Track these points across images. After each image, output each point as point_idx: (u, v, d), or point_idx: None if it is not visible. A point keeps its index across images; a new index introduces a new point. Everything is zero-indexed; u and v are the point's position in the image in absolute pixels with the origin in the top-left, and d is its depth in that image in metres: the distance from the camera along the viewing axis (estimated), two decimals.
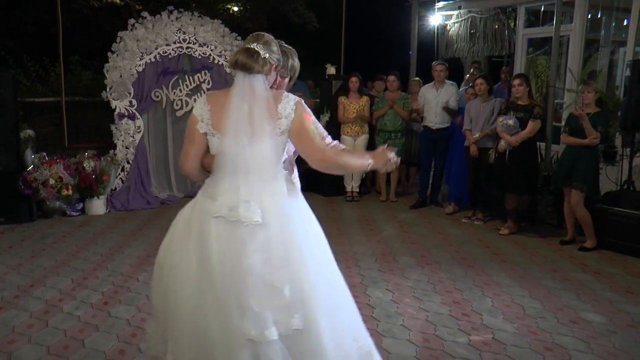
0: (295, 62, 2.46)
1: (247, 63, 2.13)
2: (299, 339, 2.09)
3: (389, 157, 2.32)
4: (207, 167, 2.27)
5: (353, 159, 2.29)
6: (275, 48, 2.25)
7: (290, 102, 2.19)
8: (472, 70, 8.06)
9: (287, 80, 2.47)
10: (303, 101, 2.27)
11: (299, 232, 2.17)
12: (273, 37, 2.29)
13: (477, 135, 6.13)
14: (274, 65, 2.24)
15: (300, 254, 2.13)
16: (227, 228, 2.12)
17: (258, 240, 2.10)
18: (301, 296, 2.09)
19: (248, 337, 2.05)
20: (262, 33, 2.29)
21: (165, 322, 2.24)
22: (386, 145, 2.36)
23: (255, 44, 2.19)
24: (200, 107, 2.23)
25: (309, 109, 2.31)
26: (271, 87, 2.30)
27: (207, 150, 2.25)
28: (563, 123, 5.86)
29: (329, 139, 2.41)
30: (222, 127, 2.16)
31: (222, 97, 2.20)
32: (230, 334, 2.07)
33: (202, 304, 2.10)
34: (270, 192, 2.16)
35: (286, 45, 2.47)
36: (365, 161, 2.29)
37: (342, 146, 2.40)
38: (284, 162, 2.30)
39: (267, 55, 2.18)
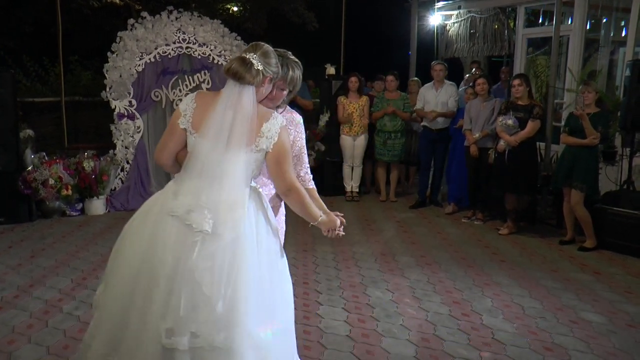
0: (296, 74, 2.42)
1: (240, 72, 2.13)
2: (214, 358, 2.05)
3: (336, 225, 2.40)
4: (180, 162, 2.28)
5: (311, 206, 2.35)
6: (273, 60, 2.24)
7: (276, 125, 2.19)
8: (473, 70, 8.05)
9: (285, 92, 2.44)
10: (286, 128, 2.27)
11: (249, 252, 2.12)
12: (272, 48, 2.28)
13: (477, 135, 6.13)
14: (269, 78, 2.23)
15: (243, 274, 2.09)
16: (179, 229, 2.12)
17: (206, 248, 2.08)
18: (232, 316, 2.05)
19: (161, 340, 2.03)
20: (261, 43, 2.28)
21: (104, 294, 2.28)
22: (342, 214, 2.43)
23: (251, 54, 2.18)
24: (187, 103, 2.24)
25: (301, 127, 2.43)
26: (265, 99, 2.32)
27: (185, 145, 2.25)
28: (563, 123, 5.86)
29: (307, 168, 2.53)
30: (201, 128, 2.16)
31: (210, 98, 2.21)
32: (144, 332, 2.06)
33: (132, 294, 2.11)
34: (230, 205, 2.13)
35: (291, 57, 2.44)
36: (316, 215, 2.35)
37: (311, 184, 2.52)
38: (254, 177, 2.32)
39: (261, 67, 2.17)
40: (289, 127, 2.49)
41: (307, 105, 7.41)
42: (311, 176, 2.58)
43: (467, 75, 7.86)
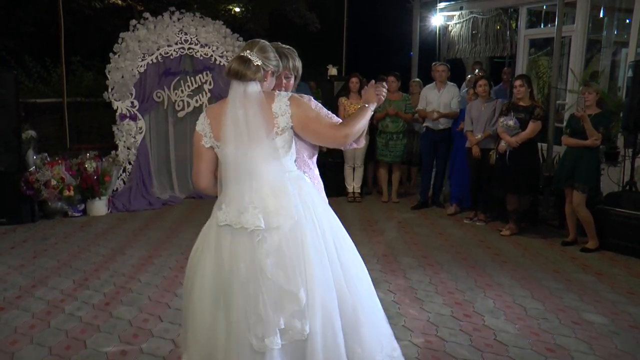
0: (297, 62, 2.50)
1: (240, 71, 2.16)
2: (312, 346, 2.09)
3: (372, 88, 2.41)
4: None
5: (359, 117, 2.35)
6: (271, 54, 2.27)
7: (284, 99, 2.22)
8: (476, 71, 8.05)
9: (292, 80, 2.50)
10: (297, 95, 2.29)
11: (309, 234, 2.15)
12: (268, 43, 2.31)
13: (479, 136, 6.13)
14: (270, 72, 2.27)
15: (313, 259, 2.12)
16: (234, 235, 2.15)
17: (268, 244, 2.11)
18: (313, 302, 2.09)
19: (252, 346, 2.06)
20: (257, 40, 2.31)
21: (185, 328, 2.33)
22: (373, 83, 2.45)
23: (248, 52, 2.21)
24: (202, 123, 2.29)
25: (307, 97, 2.37)
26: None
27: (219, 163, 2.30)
28: (564, 124, 5.86)
29: (334, 117, 2.47)
30: (221, 138, 2.20)
31: (219, 108, 2.25)
32: (232, 341, 2.09)
33: (215, 311, 2.16)
34: (275, 195, 2.15)
35: (284, 46, 2.49)
36: (366, 110, 2.37)
37: (337, 119, 2.47)
38: (295, 161, 2.32)
39: (260, 63, 2.20)
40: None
41: None
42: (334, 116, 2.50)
43: (469, 76, 7.85)
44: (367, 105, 2.38)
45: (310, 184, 2.35)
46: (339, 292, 2.17)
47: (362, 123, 2.35)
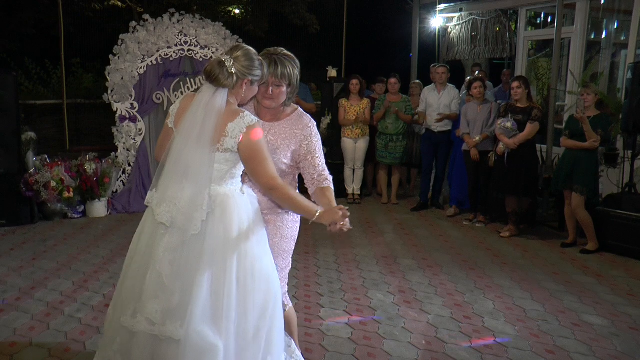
0: (287, 69, 2.43)
1: (213, 73, 2.22)
2: (165, 349, 2.19)
3: (337, 218, 2.28)
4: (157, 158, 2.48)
5: (301, 202, 2.33)
6: (252, 63, 2.27)
7: (242, 125, 2.23)
8: (477, 72, 8.06)
9: (284, 88, 2.45)
10: (260, 126, 2.28)
11: (211, 252, 2.22)
12: (252, 50, 2.32)
13: (477, 138, 6.13)
14: (246, 81, 2.28)
15: (201, 273, 2.19)
16: (153, 221, 2.31)
17: (171, 242, 2.24)
18: (185, 310, 2.17)
19: (122, 322, 2.26)
20: (241, 45, 2.34)
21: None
22: (346, 208, 2.35)
23: (228, 57, 2.25)
24: (175, 104, 2.41)
25: (313, 130, 2.47)
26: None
27: None
28: (564, 125, 5.86)
29: (321, 170, 2.51)
30: (178, 126, 2.30)
31: (190, 98, 2.32)
32: (116, 320, 2.32)
33: (123, 280, 2.41)
34: (194, 201, 2.22)
35: (283, 53, 2.45)
36: (311, 209, 2.32)
37: (326, 183, 2.49)
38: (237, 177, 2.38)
39: (234, 70, 2.23)
40: (294, 130, 2.50)
41: (309, 107, 7.41)
42: (327, 176, 2.52)
43: (469, 78, 7.86)
44: (317, 213, 2.31)
45: (239, 203, 2.33)
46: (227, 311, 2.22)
47: (296, 205, 2.34)
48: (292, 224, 2.66)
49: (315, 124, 2.61)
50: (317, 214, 2.31)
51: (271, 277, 2.37)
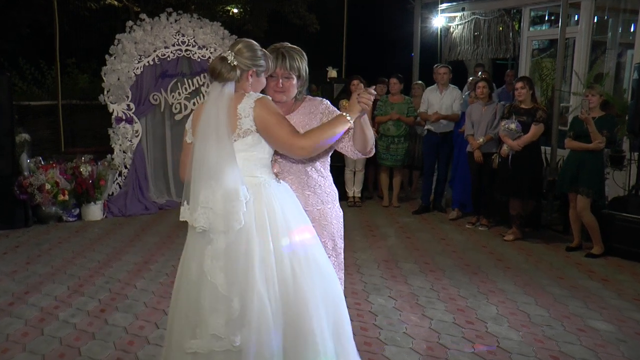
0: (297, 63, 2.44)
1: (216, 69, 2.22)
2: (235, 357, 2.10)
3: (358, 97, 2.24)
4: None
5: (327, 129, 2.25)
6: (253, 54, 2.28)
7: (250, 101, 2.23)
8: (480, 73, 8.07)
9: (294, 80, 2.45)
10: (268, 98, 2.29)
11: (257, 243, 2.14)
12: (253, 42, 2.33)
13: (481, 140, 6.13)
14: (251, 72, 2.29)
15: (254, 266, 2.11)
16: (192, 234, 2.24)
17: (214, 247, 2.15)
18: (245, 314, 2.09)
19: (186, 349, 2.14)
20: (242, 39, 2.36)
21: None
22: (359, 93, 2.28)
23: (229, 52, 2.27)
24: (190, 119, 2.40)
25: (325, 102, 2.41)
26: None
27: None
28: (568, 127, 5.86)
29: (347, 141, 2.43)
30: (194, 133, 2.29)
31: (202, 106, 2.31)
32: (175, 342, 2.21)
33: (174, 308, 2.28)
34: (227, 198, 2.14)
35: (288, 46, 2.48)
36: (344, 120, 2.25)
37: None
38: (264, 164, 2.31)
39: (237, 62, 2.24)
40: (311, 111, 2.49)
41: None
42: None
43: (471, 79, 7.86)
44: (344, 115, 2.26)
45: (275, 192, 2.26)
46: (285, 308, 2.14)
47: (328, 136, 2.24)
48: (335, 220, 2.60)
49: (327, 100, 2.57)
50: (350, 118, 2.25)
51: (328, 271, 2.29)
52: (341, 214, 2.66)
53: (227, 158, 2.17)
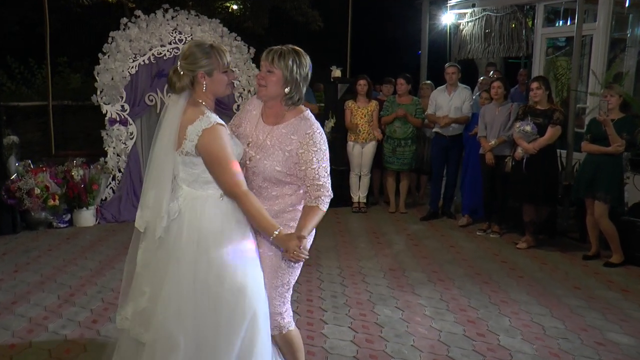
0: (283, 59, 2.44)
1: (170, 81, 2.42)
2: (138, 354, 2.41)
3: (293, 247, 2.33)
4: None
5: (260, 216, 2.38)
6: (190, 59, 2.40)
7: (199, 128, 2.35)
8: (491, 73, 8.06)
9: (276, 78, 2.45)
10: (220, 129, 2.36)
11: (170, 253, 2.39)
12: (195, 43, 2.45)
13: (492, 142, 6.13)
14: (200, 74, 2.39)
15: (170, 277, 2.36)
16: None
17: (147, 246, 2.48)
18: (153, 314, 2.37)
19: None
20: (189, 42, 2.57)
21: None
22: (307, 241, 2.44)
23: (178, 63, 2.43)
24: None
25: (317, 136, 2.44)
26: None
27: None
28: (585, 129, 5.85)
29: (315, 185, 2.47)
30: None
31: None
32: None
33: None
34: (155, 206, 2.42)
35: (289, 47, 2.48)
36: (271, 228, 2.37)
37: (315, 202, 2.47)
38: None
39: (182, 70, 2.39)
40: (291, 136, 2.50)
41: (313, 110, 7.38)
42: (322, 193, 2.48)
43: (482, 78, 7.86)
44: (276, 232, 2.37)
45: (211, 211, 2.42)
46: (197, 321, 2.37)
47: (253, 218, 2.40)
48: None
49: (320, 131, 2.53)
50: (275, 235, 2.37)
51: (246, 290, 2.39)
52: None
53: (166, 169, 2.41)
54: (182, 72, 2.39)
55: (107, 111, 6.91)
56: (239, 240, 2.45)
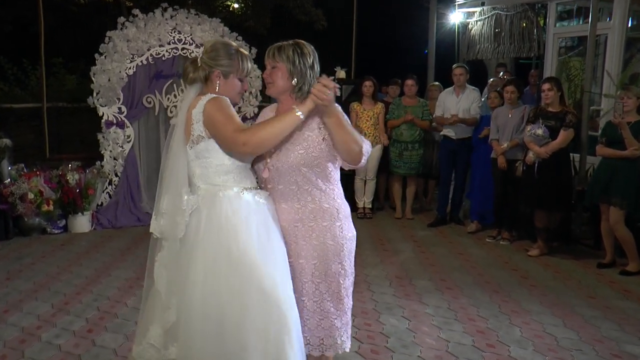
0: (284, 51, 2.43)
1: (185, 69, 2.45)
2: None
3: (320, 87, 2.21)
4: None
5: (277, 121, 2.27)
6: (212, 53, 2.42)
7: (202, 103, 2.33)
8: (501, 74, 8.06)
9: (280, 72, 2.44)
10: (223, 99, 2.35)
11: (201, 254, 2.29)
12: (221, 42, 2.48)
13: (505, 145, 6.12)
14: (216, 73, 2.40)
15: (196, 278, 2.26)
16: (152, 240, 2.49)
17: (164, 254, 2.40)
18: (180, 326, 2.27)
19: (130, 356, 2.42)
20: (217, 39, 2.51)
21: None
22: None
23: (202, 55, 2.43)
24: None
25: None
26: (239, 96, 2.54)
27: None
28: (599, 132, 5.84)
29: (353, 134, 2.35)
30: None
31: None
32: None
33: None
34: (173, 204, 2.37)
35: (292, 41, 2.48)
36: (293, 114, 2.25)
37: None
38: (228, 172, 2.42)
39: (200, 62, 2.40)
40: (308, 119, 2.38)
41: None
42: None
43: (492, 80, 7.86)
44: (294, 108, 2.27)
45: (231, 202, 2.35)
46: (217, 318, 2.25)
47: (274, 132, 2.26)
48: (333, 241, 2.50)
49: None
50: (297, 109, 2.25)
51: (275, 297, 2.25)
52: (350, 235, 2.58)
53: (180, 164, 2.39)
54: (199, 64, 2.39)
55: (103, 113, 6.93)
56: (265, 239, 2.33)
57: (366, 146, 2.40)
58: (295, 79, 2.44)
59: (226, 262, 2.26)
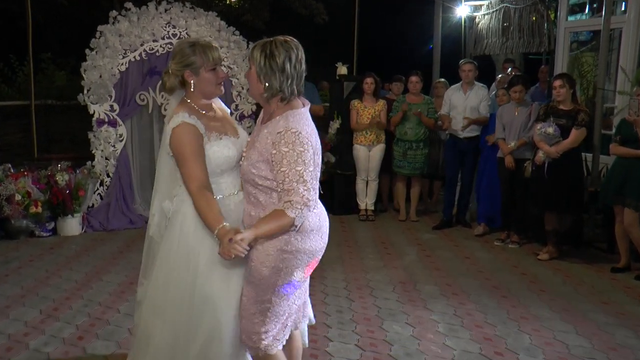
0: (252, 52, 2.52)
1: (162, 82, 2.65)
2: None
3: (226, 243, 2.31)
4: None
5: (210, 212, 2.44)
6: (177, 58, 2.57)
7: (172, 125, 2.52)
8: (509, 70, 8.07)
9: (251, 74, 2.48)
10: (188, 127, 2.49)
11: (160, 255, 2.66)
12: (182, 42, 2.66)
13: (512, 144, 6.12)
14: (186, 73, 2.58)
15: (154, 277, 2.67)
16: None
17: (157, 254, 2.69)
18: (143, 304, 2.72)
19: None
20: (183, 39, 2.65)
21: None
22: (240, 238, 2.30)
23: (169, 62, 2.62)
24: None
25: (293, 141, 2.34)
26: (216, 89, 2.65)
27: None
28: (613, 131, 5.84)
29: (287, 190, 2.34)
30: None
31: None
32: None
33: None
34: (156, 211, 2.70)
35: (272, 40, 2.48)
36: (214, 224, 2.41)
37: (287, 207, 2.33)
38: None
39: (170, 70, 2.57)
40: (267, 135, 2.41)
41: (317, 110, 7.34)
42: (293, 198, 2.33)
43: (500, 76, 7.87)
44: (216, 230, 2.39)
45: (184, 211, 2.59)
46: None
47: (202, 214, 2.48)
48: (273, 251, 2.44)
49: (297, 131, 2.38)
50: (216, 231, 2.39)
51: (210, 301, 2.53)
52: (281, 246, 2.46)
53: (164, 174, 2.67)
54: (169, 72, 2.57)
55: (94, 111, 6.94)
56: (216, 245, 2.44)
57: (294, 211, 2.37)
58: (266, 83, 2.43)
59: (184, 267, 2.58)
